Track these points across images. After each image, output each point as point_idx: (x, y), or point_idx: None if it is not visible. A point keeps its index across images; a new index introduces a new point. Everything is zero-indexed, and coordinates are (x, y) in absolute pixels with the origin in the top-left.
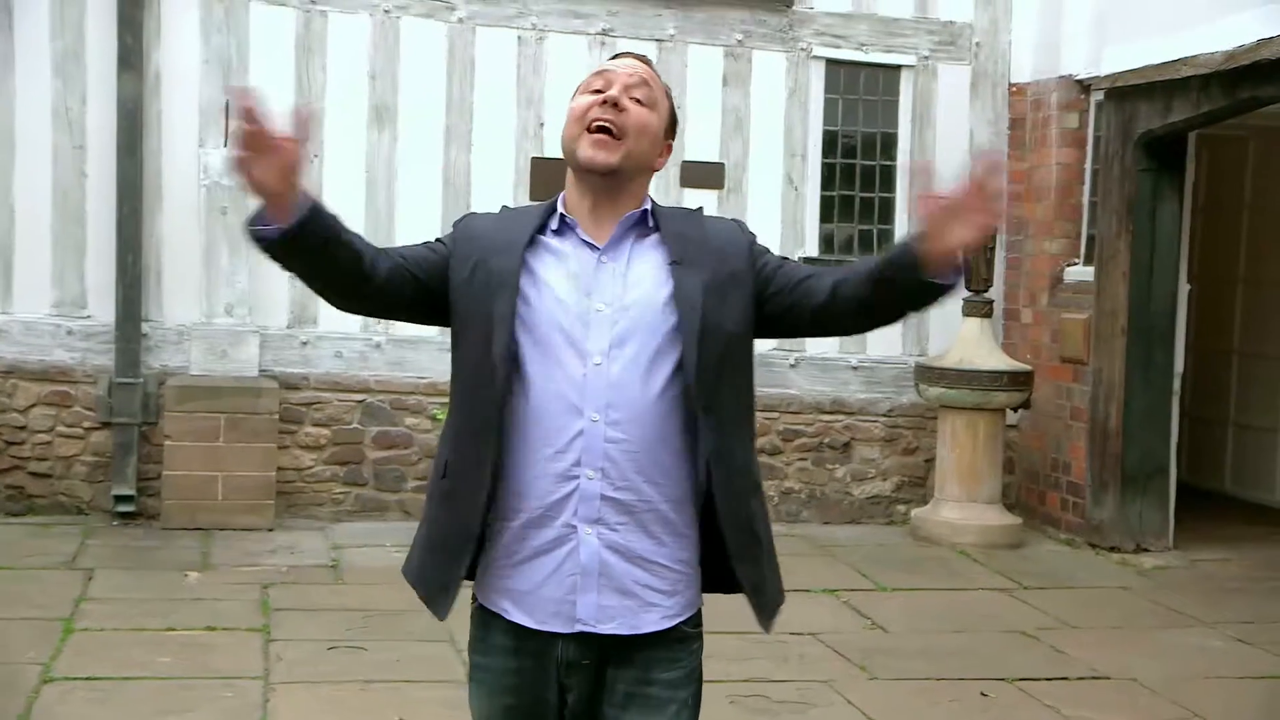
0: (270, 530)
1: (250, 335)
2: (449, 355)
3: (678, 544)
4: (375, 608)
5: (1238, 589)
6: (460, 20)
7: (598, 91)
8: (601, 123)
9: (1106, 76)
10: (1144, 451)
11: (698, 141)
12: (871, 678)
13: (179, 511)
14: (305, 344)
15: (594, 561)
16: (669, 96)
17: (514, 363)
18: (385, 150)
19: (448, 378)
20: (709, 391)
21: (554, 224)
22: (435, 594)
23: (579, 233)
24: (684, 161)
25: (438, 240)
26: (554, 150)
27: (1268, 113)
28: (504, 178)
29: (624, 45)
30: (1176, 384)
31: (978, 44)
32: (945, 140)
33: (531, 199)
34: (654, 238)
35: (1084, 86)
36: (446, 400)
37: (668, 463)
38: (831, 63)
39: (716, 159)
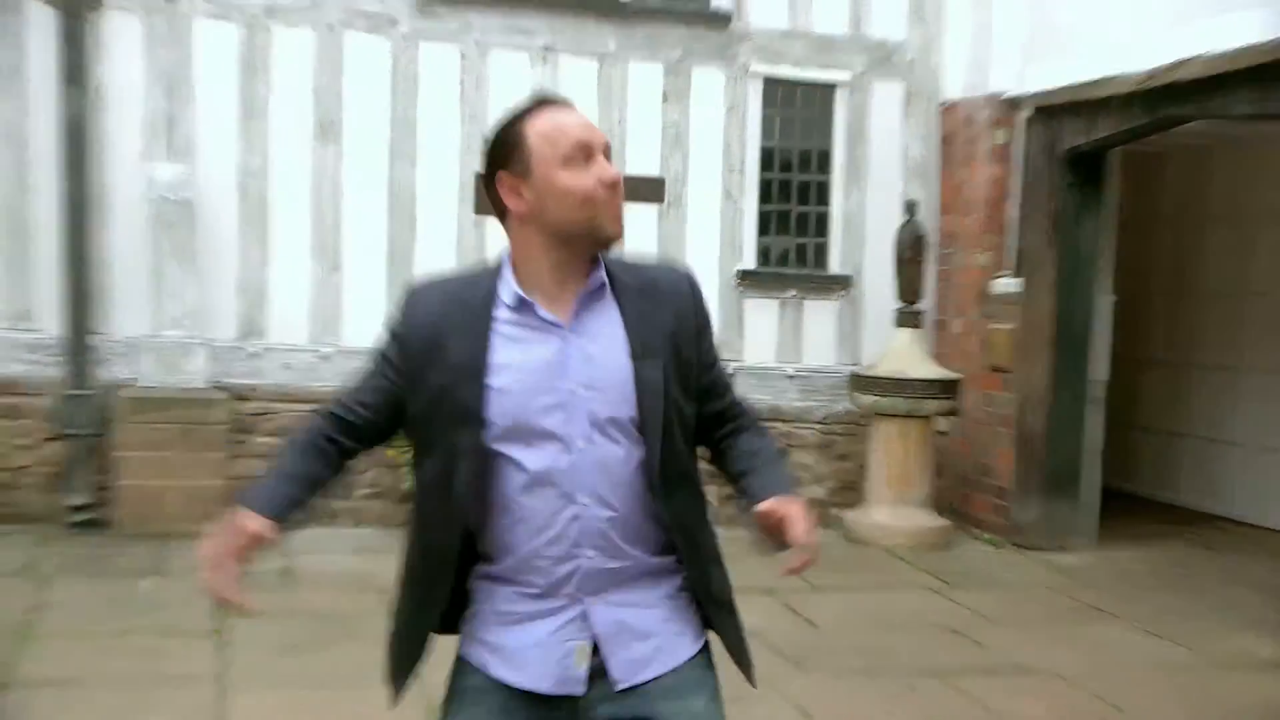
0: None
1: (198, 347)
2: None
3: (668, 582)
4: (327, 612)
5: (1151, 585)
6: (404, 35)
7: (585, 150)
8: (613, 196)
9: (1033, 95)
10: (1066, 456)
11: (639, 156)
12: (805, 672)
13: (133, 520)
14: (254, 355)
15: (611, 628)
16: None
17: (490, 461)
18: (331, 166)
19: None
20: (668, 466)
21: (510, 301)
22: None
23: (539, 312)
24: (625, 176)
25: (383, 358)
26: None
27: (1185, 130)
28: (449, 193)
29: (566, 61)
30: (1099, 392)
31: (910, 62)
32: (878, 155)
33: (476, 214)
34: (608, 300)
35: (1012, 104)
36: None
37: (647, 527)
38: (769, 80)
39: (657, 174)
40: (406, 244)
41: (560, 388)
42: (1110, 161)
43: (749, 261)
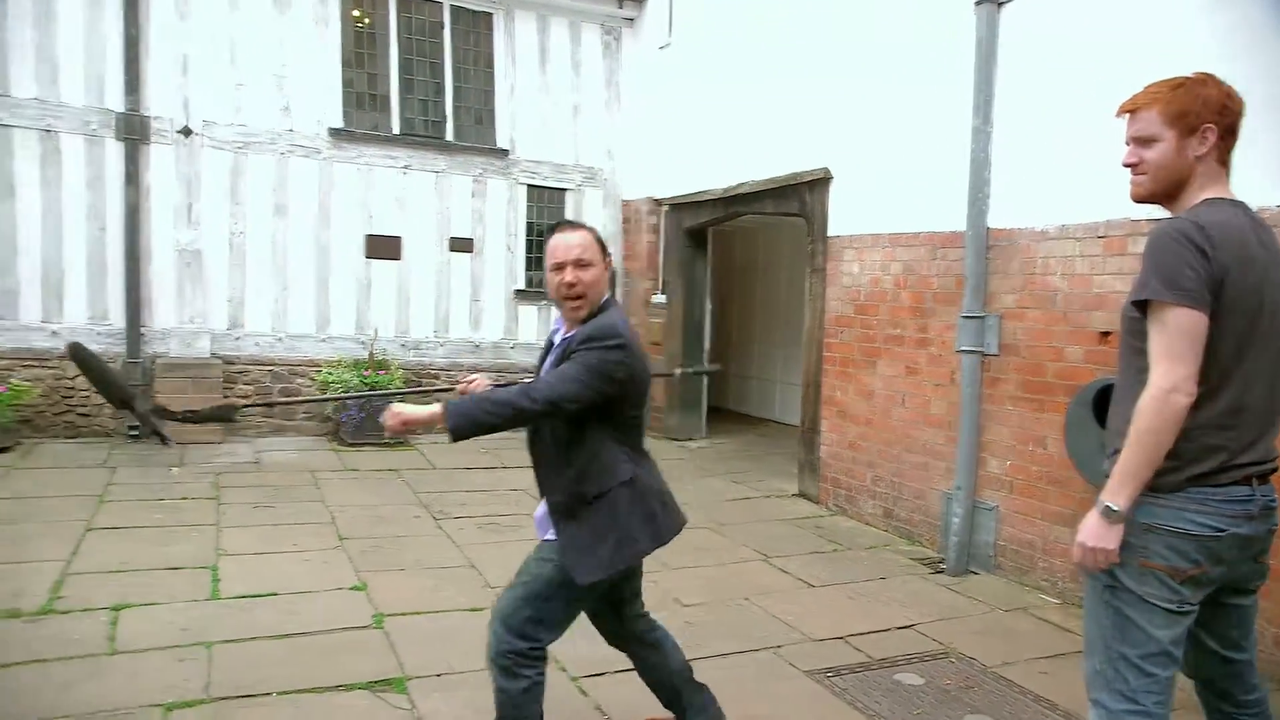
0: (220, 443)
1: (204, 334)
2: (321, 344)
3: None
4: (280, 485)
5: (733, 456)
6: (324, 158)
7: (558, 266)
8: (571, 295)
9: (670, 197)
10: (691, 390)
11: (459, 227)
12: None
13: (167, 434)
14: (238, 339)
15: (542, 516)
16: (593, 233)
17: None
18: (281, 231)
19: (320, 356)
20: (548, 436)
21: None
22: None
23: (556, 339)
24: (451, 237)
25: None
26: (379, 229)
27: (743, 219)
28: (352, 247)
29: (416, 174)
30: (707, 355)
31: (605, 179)
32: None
33: (366, 256)
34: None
35: (658, 202)
36: (319, 369)
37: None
38: (530, 186)
39: (469, 235)
40: (325, 276)
41: None
42: (709, 233)
43: (521, 284)
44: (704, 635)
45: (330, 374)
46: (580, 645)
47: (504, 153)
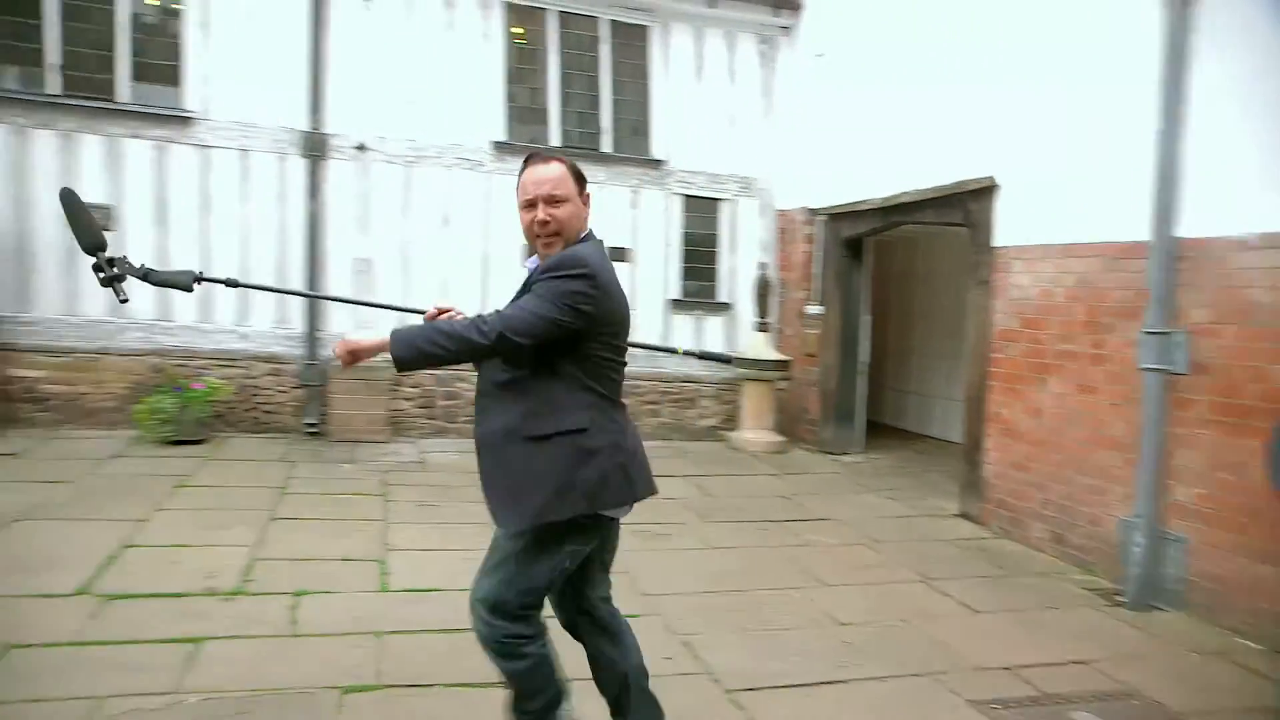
0: (387, 443)
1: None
2: None
3: None
4: (443, 485)
5: (890, 472)
6: (486, 171)
7: (529, 203)
8: (544, 232)
9: (827, 207)
10: (847, 402)
11: (615, 237)
12: (706, 521)
13: (340, 432)
14: None
15: None
16: (569, 165)
17: None
18: (447, 242)
19: None
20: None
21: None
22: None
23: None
24: (610, 247)
25: None
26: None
27: (902, 229)
28: (512, 256)
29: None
30: (864, 368)
31: (761, 189)
32: (743, 238)
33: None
34: None
35: (814, 212)
36: (474, 373)
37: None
38: (686, 196)
39: (625, 245)
40: (486, 285)
41: None
42: (867, 244)
43: (675, 294)
44: (861, 656)
45: None
46: (734, 656)
47: (659, 163)
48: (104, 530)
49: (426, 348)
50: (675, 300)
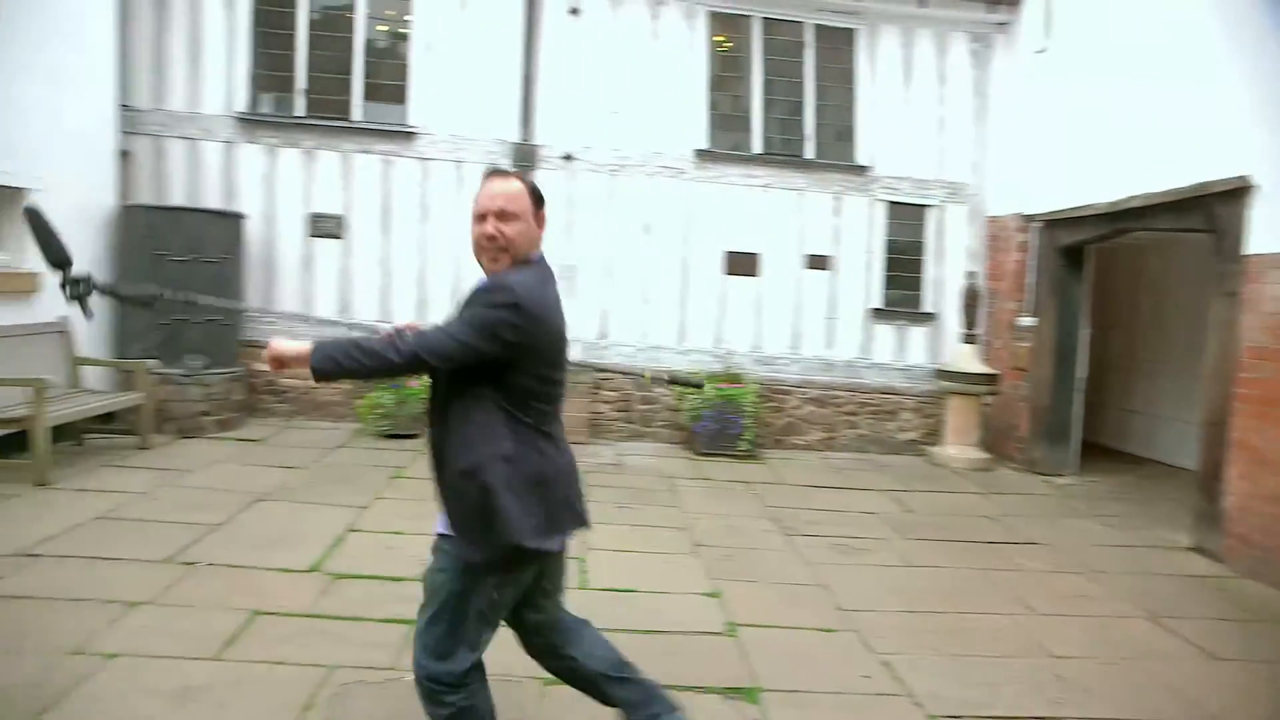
0: (586, 444)
1: (576, 343)
2: (679, 355)
3: None
4: (640, 488)
5: (1109, 497)
6: (688, 178)
7: (479, 216)
8: (490, 247)
9: (1042, 214)
10: (1061, 420)
11: (816, 244)
12: (905, 538)
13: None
14: (605, 348)
15: None
16: (527, 185)
17: None
18: (648, 249)
19: (677, 367)
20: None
21: None
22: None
23: None
24: (808, 255)
25: None
26: (738, 246)
27: (1130, 236)
28: (711, 263)
29: (776, 192)
30: (1081, 384)
31: (970, 195)
32: (951, 245)
33: (725, 273)
34: None
35: (1029, 218)
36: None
37: None
38: (890, 203)
39: (826, 253)
40: (686, 291)
41: None
42: (1088, 252)
43: (877, 303)
44: (1080, 694)
45: None
46: (937, 680)
47: (863, 169)
48: (331, 514)
49: (343, 361)
50: (876, 310)
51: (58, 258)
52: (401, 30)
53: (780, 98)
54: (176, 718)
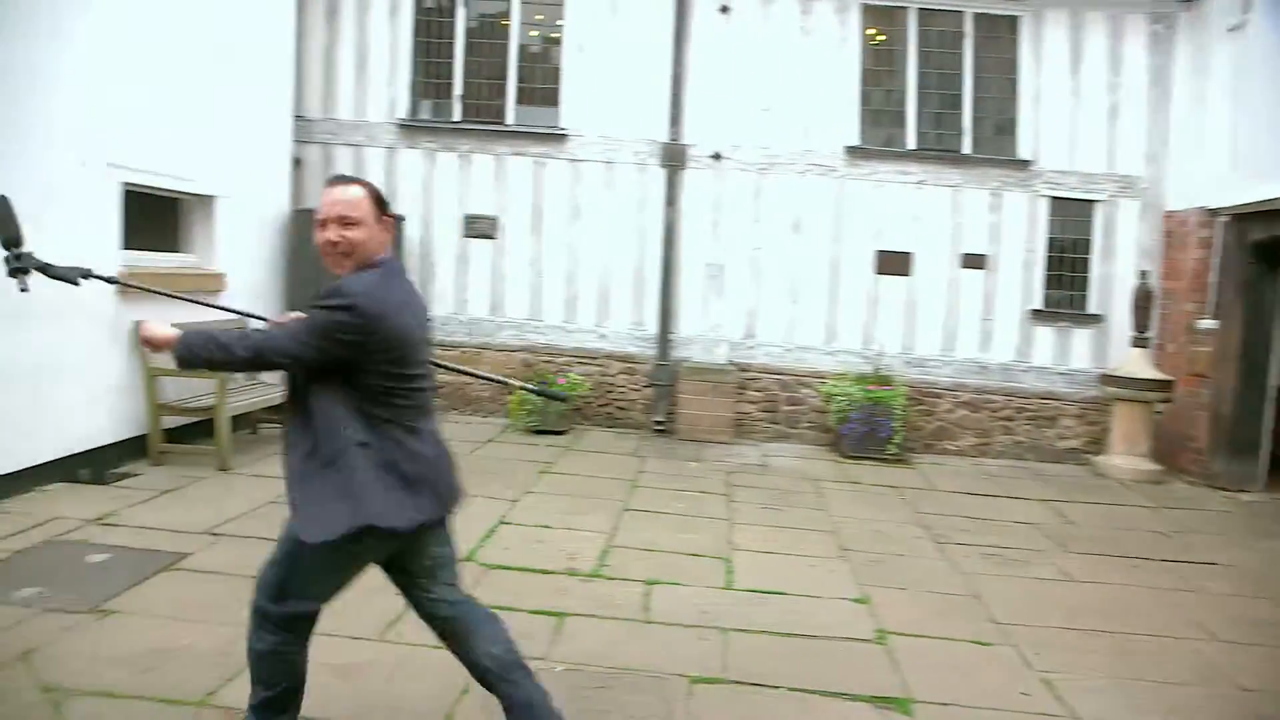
0: (730, 444)
1: (723, 342)
2: (826, 356)
3: None
4: (785, 489)
5: None
6: (838, 176)
7: (322, 222)
8: (334, 252)
9: (1229, 207)
10: (1247, 432)
11: (971, 242)
12: (1066, 551)
13: (686, 431)
14: (751, 348)
15: None
16: (369, 190)
17: None
18: (796, 248)
19: (825, 367)
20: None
21: None
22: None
23: None
24: (963, 253)
25: None
26: (889, 245)
27: None
28: (861, 262)
29: (930, 189)
30: (1272, 393)
31: (1144, 189)
32: (1121, 243)
33: (875, 272)
34: None
35: (1213, 213)
36: (823, 380)
37: None
38: (1053, 198)
39: (982, 252)
40: (835, 291)
41: None
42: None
43: (1037, 303)
44: None
45: (834, 386)
46: (1105, 704)
47: (1025, 164)
48: (484, 506)
49: (201, 351)
50: (1036, 311)
51: (9, 236)
52: (553, 35)
53: (935, 91)
54: (346, 690)
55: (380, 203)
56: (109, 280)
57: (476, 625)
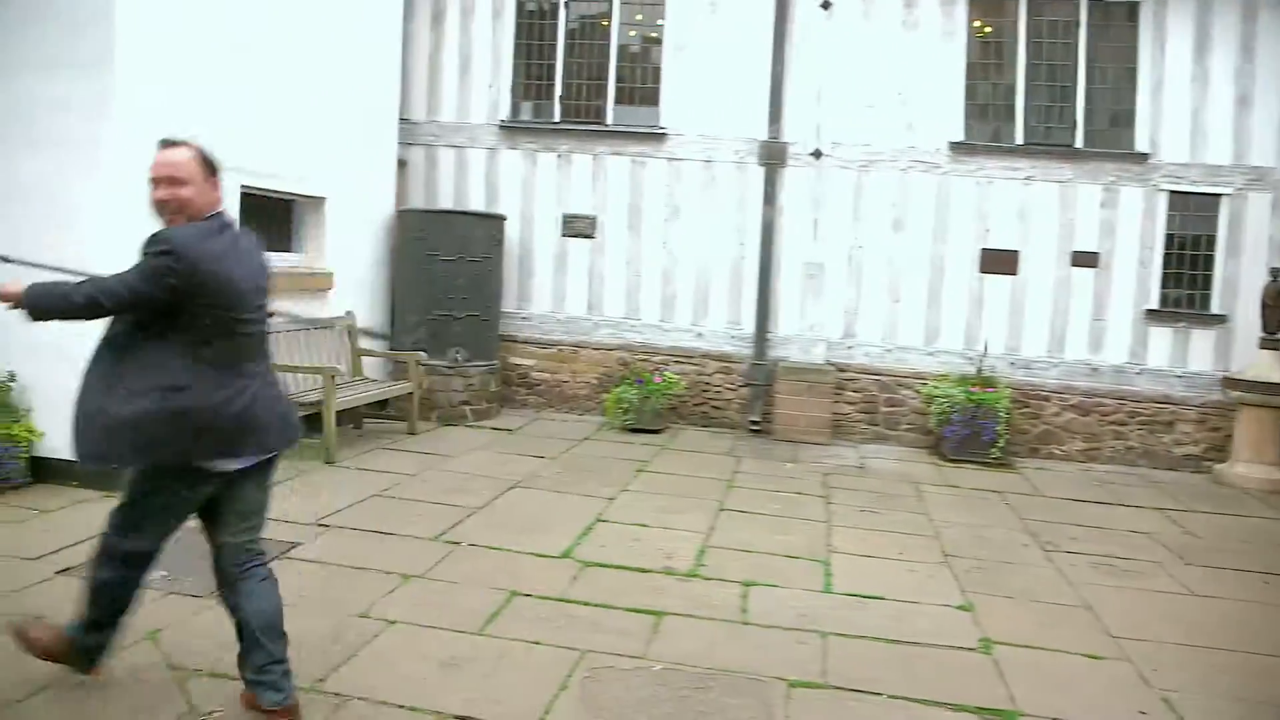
0: (828, 445)
1: (821, 342)
2: (928, 357)
3: None
4: (884, 492)
5: None
6: (942, 172)
7: (153, 181)
8: (165, 210)
9: None
10: None
11: (1082, 240)
12: (1185, 563)
13: (782, 431)
14: (849, 348)
15: None
16: (195, 152)
17: None
18: (897, 246)
19: (926, 368)
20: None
21: None
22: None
23: None
24: (1073, 251)
25: None
26: (995, 243)
27: None
28: (965, 260)
29: (1039, 185)
30: None
31: (1277, 181)
32: (1249, 239)
33: (980, 271)
34: None
35: None
36: (924, 381)
37: None
38: (1173, 193)
39: (1093, 249)
40: (938, 290)
41: None
42: None
43: (1154, 303)
44: None
45: (935, 387)
46: None
47: (1143, 157)
48: (580, 504)
49: (47, 303)
50: (1152, 311)
51: None
52: (653, 34)
53: (1045, 83)
54: (447, 683)
55: (208, 163)
56: (2, 258)
57: (254, 577)
